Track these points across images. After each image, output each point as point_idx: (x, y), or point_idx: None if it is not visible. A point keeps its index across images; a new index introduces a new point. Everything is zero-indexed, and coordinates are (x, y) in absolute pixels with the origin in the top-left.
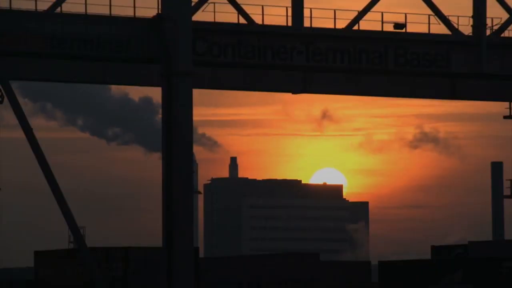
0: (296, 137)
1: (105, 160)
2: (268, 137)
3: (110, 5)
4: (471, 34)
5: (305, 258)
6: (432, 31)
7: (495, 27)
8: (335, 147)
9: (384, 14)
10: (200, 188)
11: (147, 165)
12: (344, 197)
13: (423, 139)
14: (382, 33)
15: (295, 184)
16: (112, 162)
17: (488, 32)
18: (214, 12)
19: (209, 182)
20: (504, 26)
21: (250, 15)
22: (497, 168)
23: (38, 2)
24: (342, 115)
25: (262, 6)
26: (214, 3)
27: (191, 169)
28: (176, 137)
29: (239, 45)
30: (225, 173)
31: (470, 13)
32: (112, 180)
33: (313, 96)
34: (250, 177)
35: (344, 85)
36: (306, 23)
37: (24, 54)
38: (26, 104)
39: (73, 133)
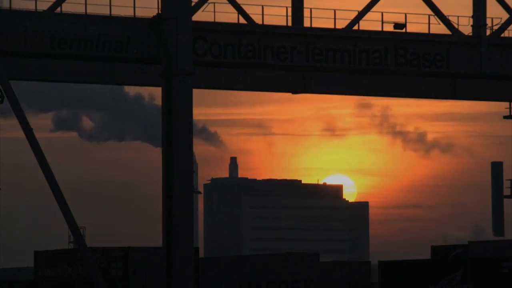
0: (296, 137)
1: (105, 160)
2: (268, 137)
3: (110, 5)
4: (471, 34)
5: (305, 258)
6: (432, 31)
7: (495, 27)
8: (335, 147)
9: (384, 14)
10: (200, 188)
11: (147, 165)
12: (344, 197)
13: (423, 139)
14: (382, 33)
15: (295, 184)
16: (112, 162)
17: (488, 32)
18: (214, 12)
19: (209, 182)
20: (504, 26)
21: (250, 15)
22: (497, 168)
23: (38, 2)
24: (342, 115)
25: (262, 6)
26: (214, 3)
27: (191, 169)
28: (176, 137)
29: (239, 45)
30: (225, 173)
31: (470, 13)
32: (112, 180)
33: (313, 96)
34: (250, 177)
35: (344, 85)
36: (306, 23)
37: (24, 54)
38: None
39: (73, 133)
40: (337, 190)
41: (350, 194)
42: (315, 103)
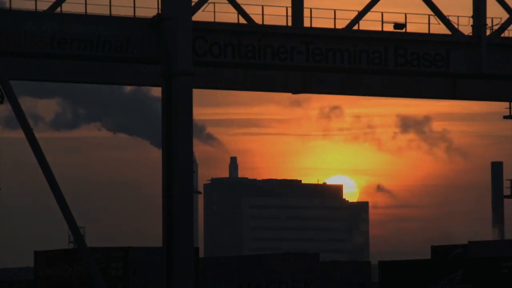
0: (296, 137)
1: (105, 160)
2: (268, 137)
3: (110, 5)
4: (471, 34)
5: (305, 258)
6: (432, 31)
7: (495, 27)
8: (335, 147)
9: (384, 14)
10: (200, 188)
11: (147, 165)
12: (344, 197)
13: (423, 139)
14: (382, 33)
15: (295, 184)
16: (112, 162)
17: (488, 32)
18: (214, 12)
19: (209, 182)
20: (504, 26)
21: (250, 15)
22: (497, 168)
23: (38, 2)
24: (342, 115)
25: (262, 6)
26: (214, 3)
27: (191, 169)
28: (176, 137)
29: (239, 45)
30: (225, 173)
31: (470, 13)
32: (112, 180)
33: (313, 96)
34: (250, 177)
35: (344, 85)
36: (306, 23)
37: (24, 54)
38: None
39: (73, 133)
40: (337, 190)
41: (350, 194)
42: (315, 103)
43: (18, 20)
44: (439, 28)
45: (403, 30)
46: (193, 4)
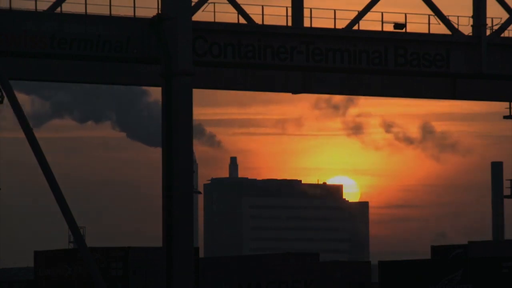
0: (296, 137)
1: (105, 159)
2: (268, 137)
3: (110, 5)
4: (471, 34)
5: (305, 258)
6: (432, 31)
7: (495, 27)
8: (335, 147)
9: (384, 14)
10: (200, 188)
11: (147, 165)
12: (344, 197)
13: (423, 139)
14: (382, 33)
15: (295, 184)
16: (113, 162)
17: (488, 32)
18: (214, 12)
19: (209, 182)
20: (504, 26)
21: (250, 15)
22: (497, 168)
23: (38, 2)
24: (342, 115)
25: (262, 6)
26: (214, 3)
27: (191, 169)
28: (176, 137)
29: (239, 45)
30: (225, 173)
31: (470, 13)
32: (112, 180)
33: (313, 96)
34: (250, 177)
35: (344, 85)
36: (306, 23)
37: (24, 54)
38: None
39: (73, 132)
40: (337, 190)
41: (350, 194)
42: (315, 103)
43: (18, 20)
44: (439, 28)
45: (403, 30)
46: (193, 4)
